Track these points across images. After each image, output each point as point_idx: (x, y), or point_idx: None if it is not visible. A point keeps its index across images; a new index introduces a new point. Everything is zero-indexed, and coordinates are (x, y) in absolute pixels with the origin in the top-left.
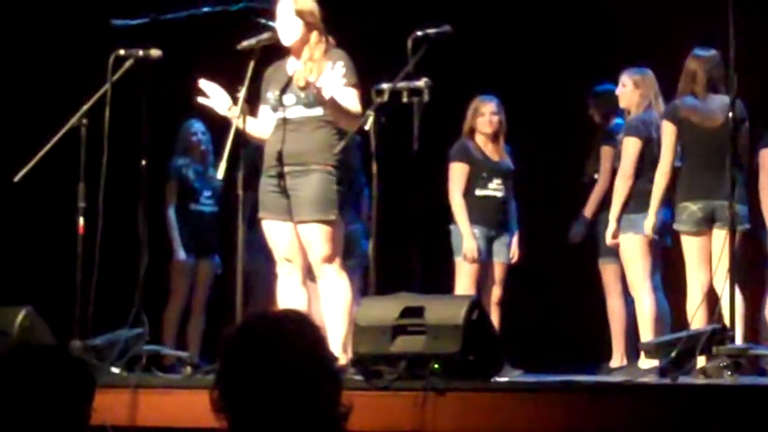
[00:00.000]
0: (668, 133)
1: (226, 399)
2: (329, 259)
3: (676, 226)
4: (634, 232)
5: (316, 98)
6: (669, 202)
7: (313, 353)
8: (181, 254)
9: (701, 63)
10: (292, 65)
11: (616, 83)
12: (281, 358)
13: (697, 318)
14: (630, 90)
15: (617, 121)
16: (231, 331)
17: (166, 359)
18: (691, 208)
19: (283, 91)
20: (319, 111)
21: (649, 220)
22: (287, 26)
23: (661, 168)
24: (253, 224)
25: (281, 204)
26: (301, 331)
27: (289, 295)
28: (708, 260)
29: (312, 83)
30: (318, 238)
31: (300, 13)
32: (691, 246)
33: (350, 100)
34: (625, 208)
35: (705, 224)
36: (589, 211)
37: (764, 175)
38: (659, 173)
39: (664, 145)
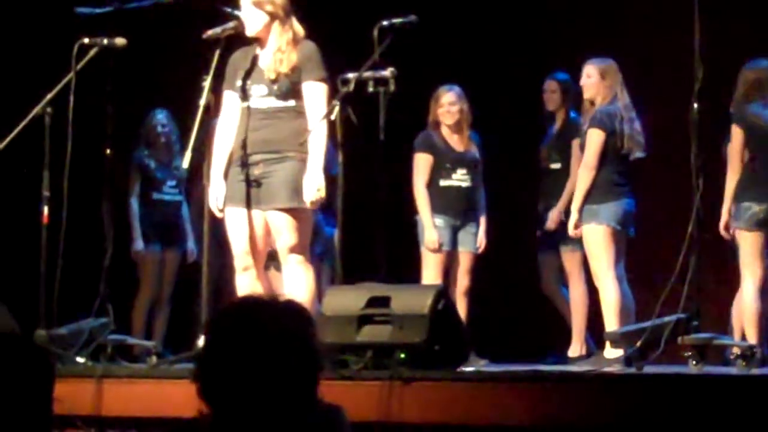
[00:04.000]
0: (736, 135)
1: (210, 378)
2: (296, 249)
3: (734, 224)
4: (597, 222)
5: (288, 89)
6: (631, 192)
7: (301, 338)
8: (138, 244)
9: (763, 71)
10: (259, 53)
11: (571, 72)
12: (266, 342)
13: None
14: (596, 81)
15: (572, 114)
16: (219, 312)
17: (134, 349)
18: (754, 209)
19: (253, 81)
20: (291, 102)
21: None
22: (248, 17)
23: (731, 169)
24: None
25: (250, 193)
26: (292, 316)
27: (247, 290)
28: (762, 255)
29: (282, 74)
30: (288, 225)
31: (257, 4)
32: (747, 241)
33: (316, 96)
34: (588, 198)
35: (765, 224)
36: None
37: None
38: (730, 173)
39: (732, 147)
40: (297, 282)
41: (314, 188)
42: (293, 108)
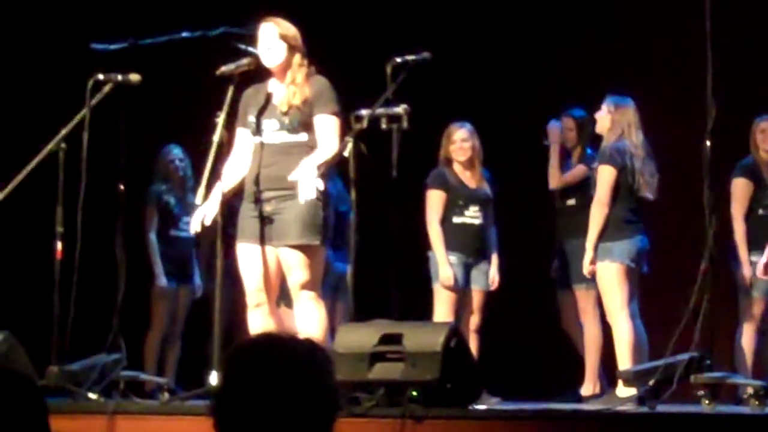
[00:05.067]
0: None
1: (222, 412)
2: (308, 285)
3: None
4: (611, 260)
5: (299, 123)
6: (644, 229)
7: (315, 380)
8: (162, 280)
9: None
10: (273, 88)
11: (587, 109)
12: (283, 379)
13: None
14: (604, 115)
15: (588, 151)
16: (238, 347)
17: (147, 385)
18: None
19: (265, 116)
20: (303, 136)
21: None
22: (271, 49)
23: None
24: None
25: (263, 230)
26: (311, 356)
27: (259, 327)
28: None
29: (294, 106)
30: (299, 262)
31: (284, 37)
32: None
33: (328, 129)
34: (602, 235)
35: None
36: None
37: (734, 204)
38: None
39: None
40: (309, 318)
41: (306, 178)
42: (305, 143)
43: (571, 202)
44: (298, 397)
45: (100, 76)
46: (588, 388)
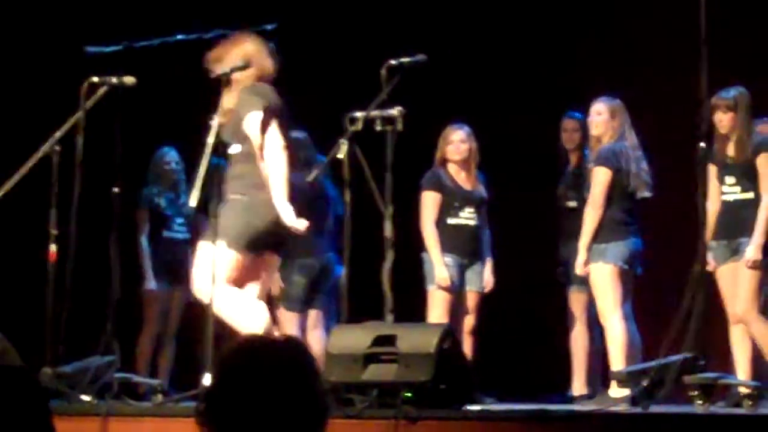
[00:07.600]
0: None
1: (213, 414)
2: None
3: None
4: (604, 261)
5: (230, 135)
6: (638, 231)
7: (306, 382)
8: (151, 283)
9: None
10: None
11: (583, 112)
12: (274, 382)
13: None
14: (605, 119)
15: (585, 152)
16: (230, 348)
17: (140, 387)
18: None
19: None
20: (237, 148)
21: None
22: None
23: None
24: None
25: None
26: (298, 358)
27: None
28: None
29: (230, 109)
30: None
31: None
32: None
33: (250, 129)
34: (595, 237)
35: None
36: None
37: None
38: None
39: None
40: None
41: (289, 220)
42: (240, 153)
43: (572, 204)
44: (281, 400)
45: (95, 79)
46: (576, 387)
